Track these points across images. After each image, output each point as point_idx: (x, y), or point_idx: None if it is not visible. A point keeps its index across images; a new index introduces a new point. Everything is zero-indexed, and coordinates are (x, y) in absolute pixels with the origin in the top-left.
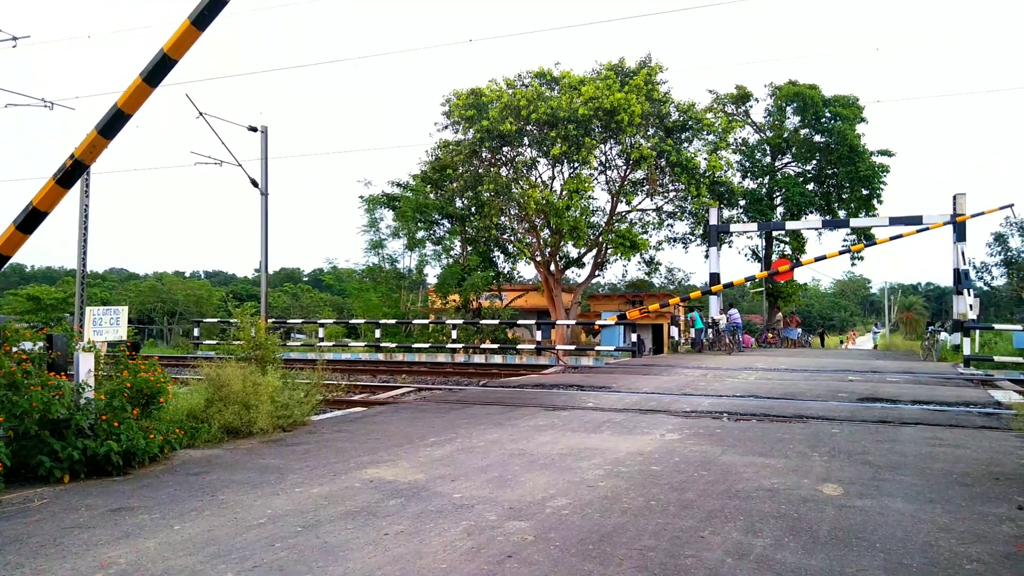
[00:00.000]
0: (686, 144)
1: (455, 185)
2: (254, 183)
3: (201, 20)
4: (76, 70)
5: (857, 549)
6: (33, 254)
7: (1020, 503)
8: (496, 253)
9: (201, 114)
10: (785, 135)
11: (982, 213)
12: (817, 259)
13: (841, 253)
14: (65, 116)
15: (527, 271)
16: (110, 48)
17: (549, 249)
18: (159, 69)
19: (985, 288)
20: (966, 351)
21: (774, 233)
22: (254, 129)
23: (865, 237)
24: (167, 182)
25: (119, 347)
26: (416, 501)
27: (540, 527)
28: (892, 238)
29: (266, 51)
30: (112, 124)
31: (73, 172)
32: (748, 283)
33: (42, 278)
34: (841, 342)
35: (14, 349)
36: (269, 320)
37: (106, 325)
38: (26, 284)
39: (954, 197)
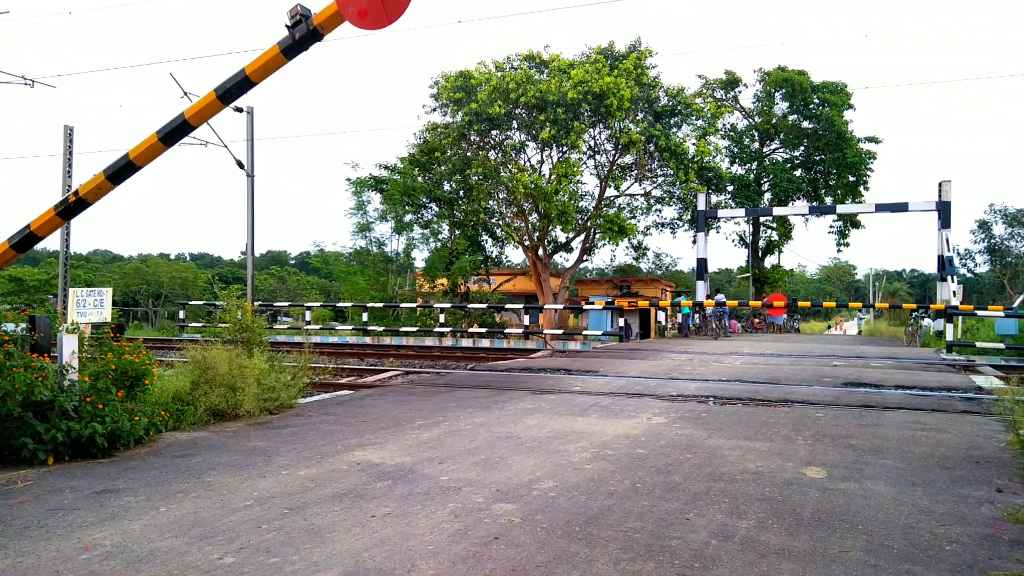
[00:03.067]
0: (675, 129)
1: (443, 168)
2: (240, 165)
3: (227, 96)
4: (57, 47)
5: (840, 531)
6: None
7: (999, 486)
8: (484, 237)
9: (186, 93)
10: (773, 121)
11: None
12: (814, 305)
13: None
14: (47, 93)
15: (515, 255)
16: (92, 22)
17: (537, 233)
18: (176, 132)
19: (969, 275)
20: (949, 337)
21: (761, 219)
22: (239, 110)
23: (851, 223)
24: (152, 163)
25: (103, 329)
26: (403, 483)
27: (527, 509)
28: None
29: (252, 30)
30: (120, 173)
31: (75, 208)
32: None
33: (24, 259)
34: (829, 327)
35: None
36: (255, 303)
37: (90, 307)
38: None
39: (939, 184)
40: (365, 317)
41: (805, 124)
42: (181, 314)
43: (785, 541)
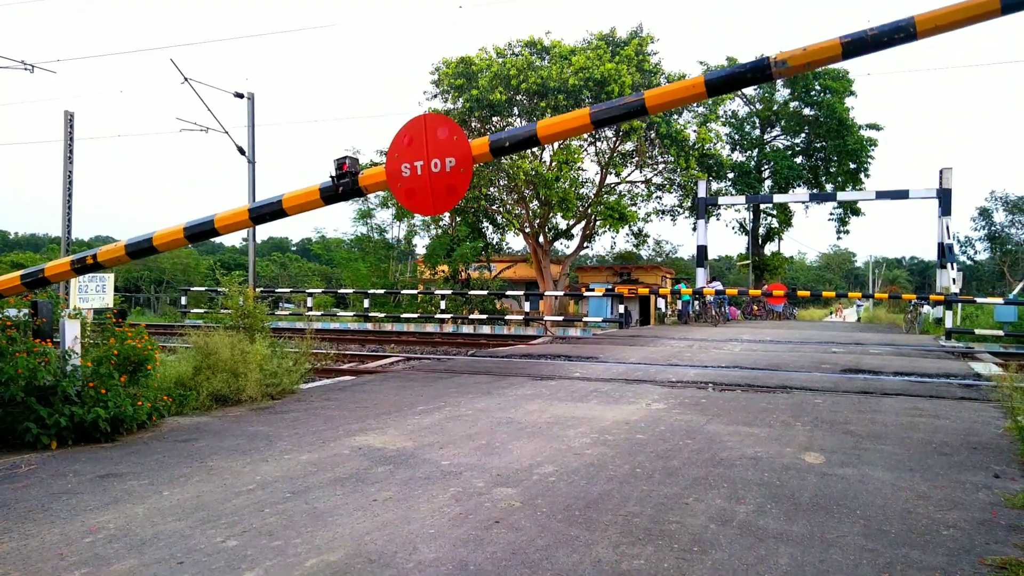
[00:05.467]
0: (676, 116)
1: None
2: (241, 151)
3: (259, 218)
4: (57, 31)
5: (838, 516)
6: (17, 221)
7: (996, 472)
8: (485, 224)
9: (186, 79)
10: (774, 108)
11: None
12: (813, 294)
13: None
14: (47, 79)
15: (516, 242)
16: (92, 7)
17: (538, 220)
18: (203, 234)
19: (969, 262)
20: (948, 324)
21: (761, 206)
22: (240, 95)
23: (851, 211)
24: (152, 149)
25: (105, 314)
26: (404, 468)
27: (527, 494)
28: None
29: (253, 16)
30: (141, 252)
31: (90, 268)
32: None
33: (26, 245)
34: (831, 313)
35: None
36: (257, 289)
37: (92, 292)
38: (10, 251)
39: (940, 171)
40: (366, 303)
41: (806, 111)
42: (183, 300)
43: (783, 526)
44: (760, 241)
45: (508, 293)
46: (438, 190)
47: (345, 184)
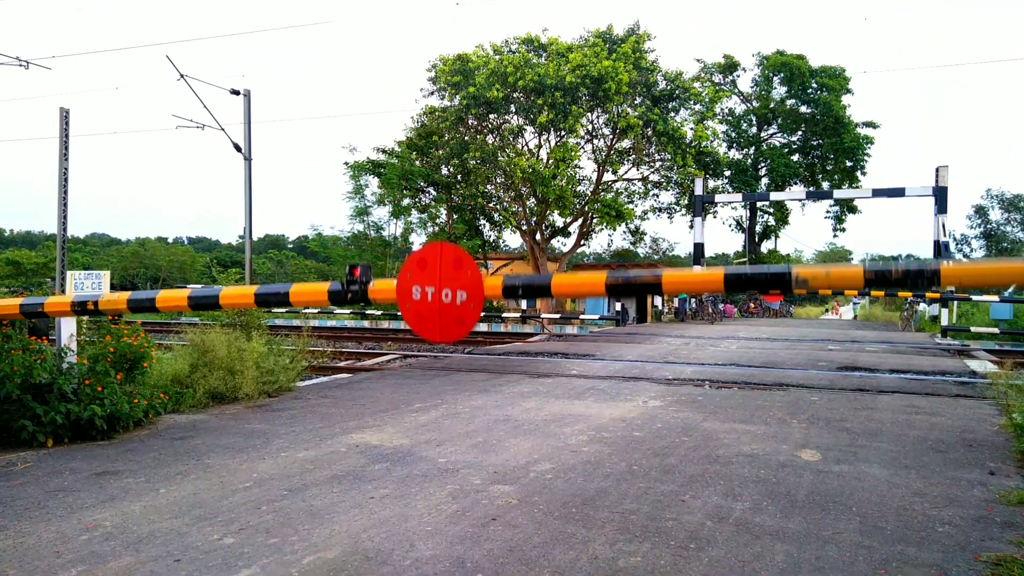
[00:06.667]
0: (673, 114)
1: (441, 152)
2: (237, 148)
3: (264, 303)
4: (53, 28)
5: (834, 513)
6: (13, 218)
7: (992, 469)
8: (482, 221)
9: (182, 76)
10: (771, 105)
11: None
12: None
13: None
14: (42, 75)
15: (513, 240)
16: (88, 3)
17: (535, 218)
18: (205, 304)
19: (965, 260)
20: (943, 322)
21: (758, 204)
22: (236, 92)
23: (848, 208)
24: (148, 146)
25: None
26: (401, 465)
27: (524, 491)
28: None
29: (249, 13)
30: (142, 308)
31: (89, 312)
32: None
33: (22, 242)
34: (827, 311)
35: None
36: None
37: (88, 290)
38: (5, 248)
39: (937, 169)
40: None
41: (803, 109)
42: None
43: (780, 522)
44: (757, 239)
45: None
46: (447, 320)
47: (354, 291)
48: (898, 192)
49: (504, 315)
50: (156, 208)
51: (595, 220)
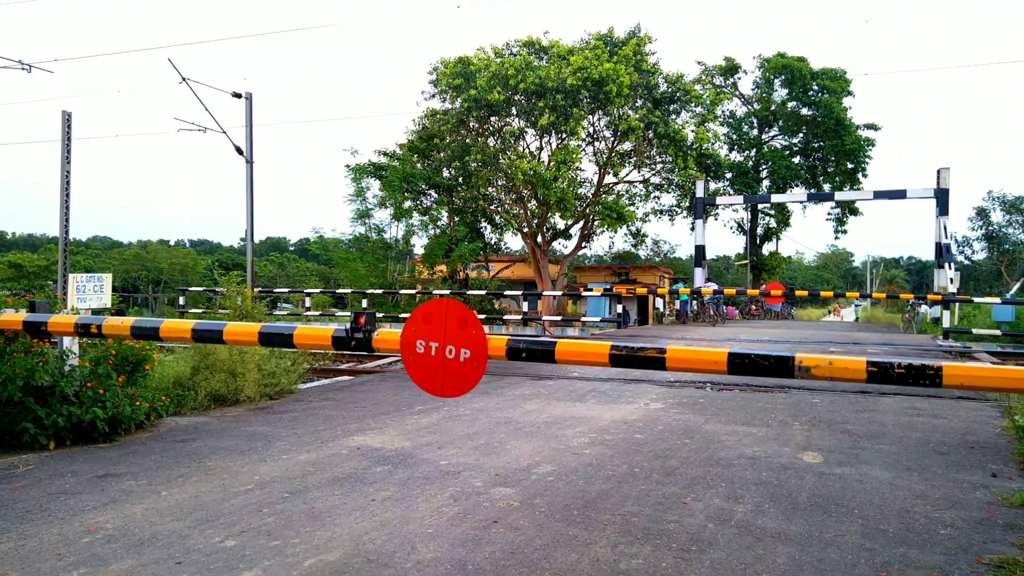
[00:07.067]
0: (674, 116)
1: (442, 155)
2: (239, 151)
3: (267, 342)
4: (55, 31)
5: (836, 515)
6: (15, 220)
7: (994, 471)
8: (483, 224)
9: (184, 79)
10: (772, 108)
11: None
12: (811, 294)
13: None
14: (44, 78)
15: (514, 242)
16: (90, 6)
17: (536, 220)
18: (209, 338)
19: (966, 262)
20: (945, 323)
21: (759, 206)
22: (238, 95)
23: (849, 211)
24: (150, 149)
25: (104, 314)
26: (403, 468)
27: (526, 493)
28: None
29: (251, 16)
30: (145, 335)
31: (92, 335)
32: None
33: (24, 245)
34: (829, 313)
35: None
36: (255, 289)
37: (90, 292)
38: (7, 251)
39: (938, 171)
40: (364, 303)
41: (804, 111)
42: (181, 300)
43: (781, 525)
44: (758, 241)
45: (506, 293)
46: (449, 376)
47: (358, 339)
48: (899, 194)
49: (506, 318)
50: (158, 211)
51: (596, 222)
